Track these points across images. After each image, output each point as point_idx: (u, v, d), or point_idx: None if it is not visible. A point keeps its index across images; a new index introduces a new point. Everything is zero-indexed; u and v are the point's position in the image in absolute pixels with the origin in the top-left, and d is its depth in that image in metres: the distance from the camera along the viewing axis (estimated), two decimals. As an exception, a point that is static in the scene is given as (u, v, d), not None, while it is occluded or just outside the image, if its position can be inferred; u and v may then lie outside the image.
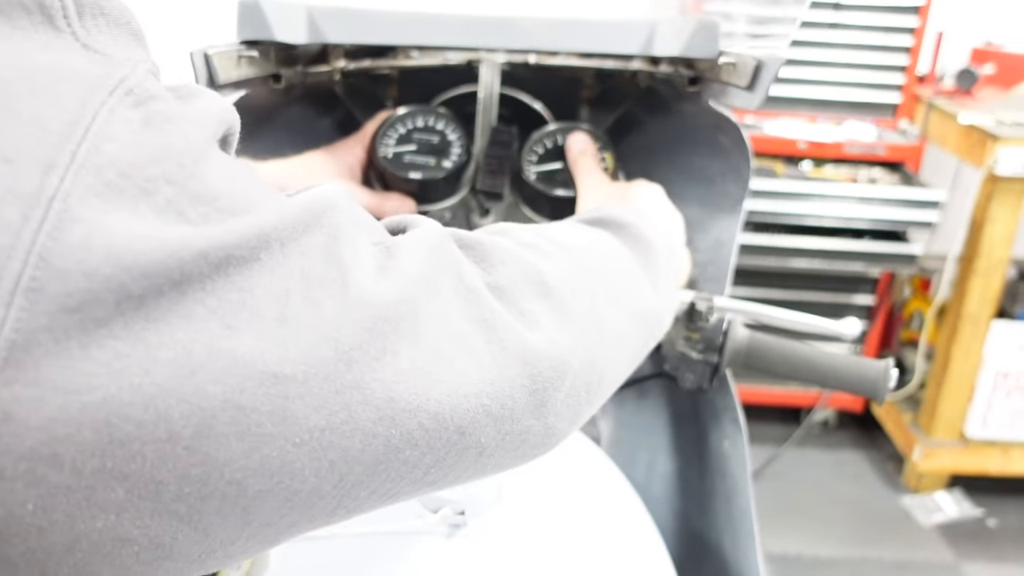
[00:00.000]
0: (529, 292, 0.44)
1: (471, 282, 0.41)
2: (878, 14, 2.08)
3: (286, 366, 0.31)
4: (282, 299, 0.31)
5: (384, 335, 0.34)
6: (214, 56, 0.68)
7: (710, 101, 0.80)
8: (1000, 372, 2.07)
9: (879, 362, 0.71)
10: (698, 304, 0.74)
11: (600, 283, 0.50)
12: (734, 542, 0.84)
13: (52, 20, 0.31)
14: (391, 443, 0.34)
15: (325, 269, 0.33)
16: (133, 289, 0.28)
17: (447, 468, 0.38)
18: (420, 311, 0.36)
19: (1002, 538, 2.05)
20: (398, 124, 0.85)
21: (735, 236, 0.84)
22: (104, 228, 0.28)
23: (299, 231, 0.33)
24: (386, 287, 0.35)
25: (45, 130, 0.28)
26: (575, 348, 0.45)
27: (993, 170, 1.85)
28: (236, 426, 0.30)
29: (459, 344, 0.38)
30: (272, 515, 0.33)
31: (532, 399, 0.41)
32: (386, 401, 0.34)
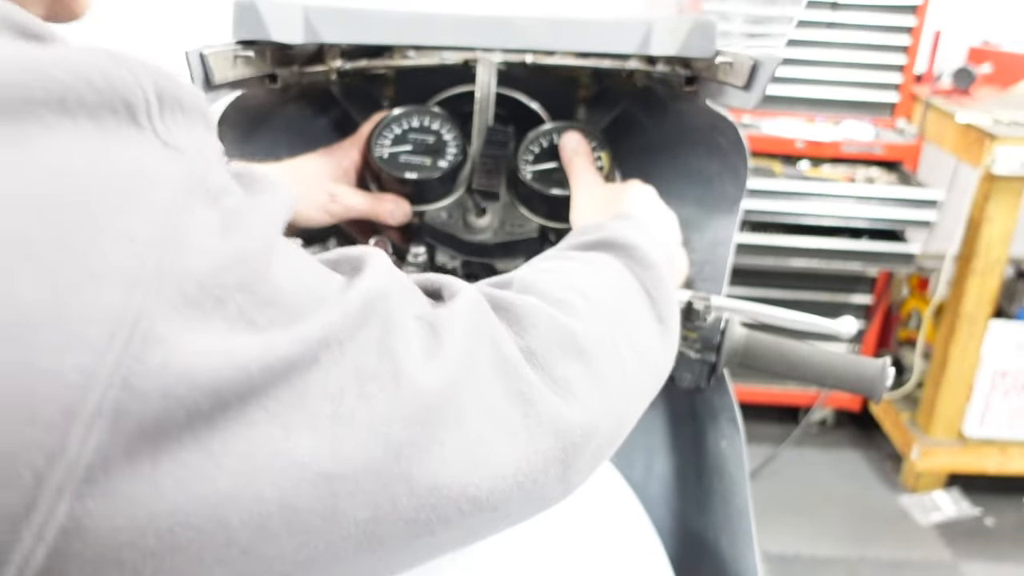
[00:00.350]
0: (562, 356, 0.44)
1: (508, 352, 0.41)
2: (875, 13, 2.08)
3: (339, 466, 0.32)
4: (337, 397, 0.32)
5: (432, 425, 0.35)
6: (210, 56, 0.68)
7: (707, 101, 0.80)
8: (998, 371, 2.07)
9: (876, 361, 0.71)
10: (695, 303, 0.74)
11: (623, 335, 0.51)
12: (732, 542, 0.84)
13: (136, 118, 0.31)
14: (429, 526, 0.35)
15: (378, 362, 0.34)
16: (204, 406, 0.28)
17: (473, 537, 0.40)
18: (463, 394, 0.37)
19: (1000, 537, 2.06)
20: (393, 124, 0.85)
21: (732, 236, 0.84)
22: (182, 347, 0.28)
23: (356, 327, 0.34)
24: (434, 375, 0.36)
25: (133, 241, 0.28)
26: (604, 409, 0.46)
27: (991, 169, 1.85)
28: (288, 525, 0.31)
29: (498, 424, 0.39)
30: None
31: (560, 467, 0.42)
32: (429, 490, 0.35)
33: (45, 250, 0.27)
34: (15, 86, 0.28)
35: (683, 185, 0.90)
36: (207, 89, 0.69)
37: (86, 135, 0.29)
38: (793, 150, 2.10)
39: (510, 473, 0.39)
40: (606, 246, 0.58)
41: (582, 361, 0.45)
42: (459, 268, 0.86)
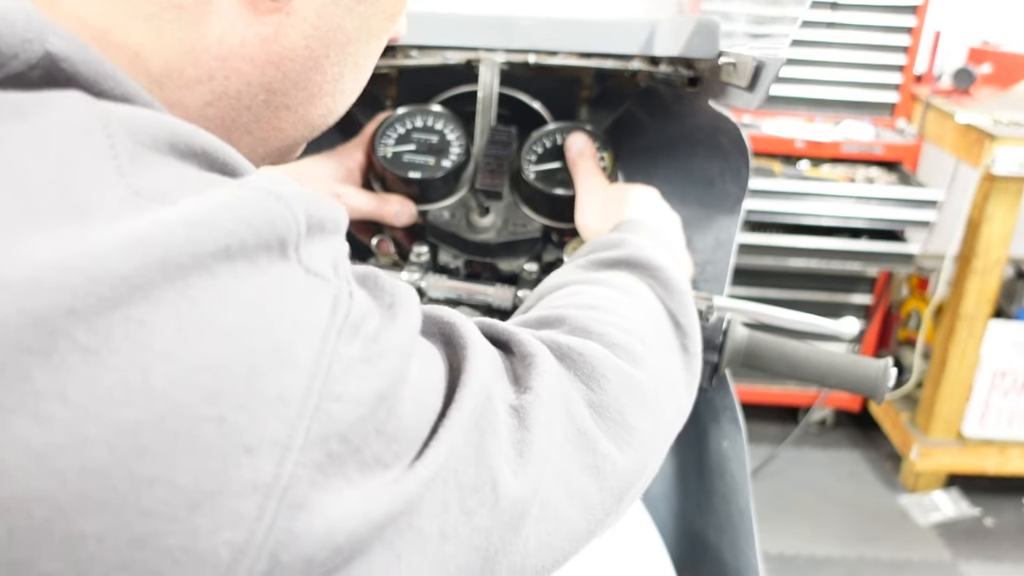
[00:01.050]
0: (632, 407, 0.45)
1: (582, 422, 0.42)
2: (875, 13, 2.08)
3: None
4: (443, 515, 0.32)
5: (524, 526, 0.36)
6: (214, 56, 0.67)
7: (710, 101, 0.80)
8: (997, 371, 2.07)
9: (878, 361, 0.71)
10: (697, 304, 0.74)
11: (668, 378, 0.51)
12: (733, 541, 0.84)
13: (285, 252, 0.30)
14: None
15: (477, 472, 0.34)
16: (335, 561, 0.28)
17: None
18: (548, 484, 0.38)
19: (999, 537, 2.06)
20: (396, 124, 0.85)
21: (734, 236, 0.84)
22: (323, 510, 0.28)
23: (461, 438, 0.34)
24: (527, 479, 0.36)
25: (286, 404, 0.28)
26: (654, 454, 0.47)
27: (990, 169, 1.85)
28: None
29: (574, 499, 0.39)
30: None
31: (614, 519, 0.43)
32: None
33: (207, 429, 0.26)
34: (189, 243, 0.27)
35: (685, 185, 0.91)
36: None
37: (242, 277, 0.28)
38: (793, 150, 2.10)
39: (581, 545, 0.40)
40: (630, 266, 0.57)
41: (646, 410, 0.46)
42: (461, 267, 0.86)
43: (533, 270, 0.81)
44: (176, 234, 0.27)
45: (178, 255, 0.27)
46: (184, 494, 0.25)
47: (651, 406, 0.47)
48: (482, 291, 0.80)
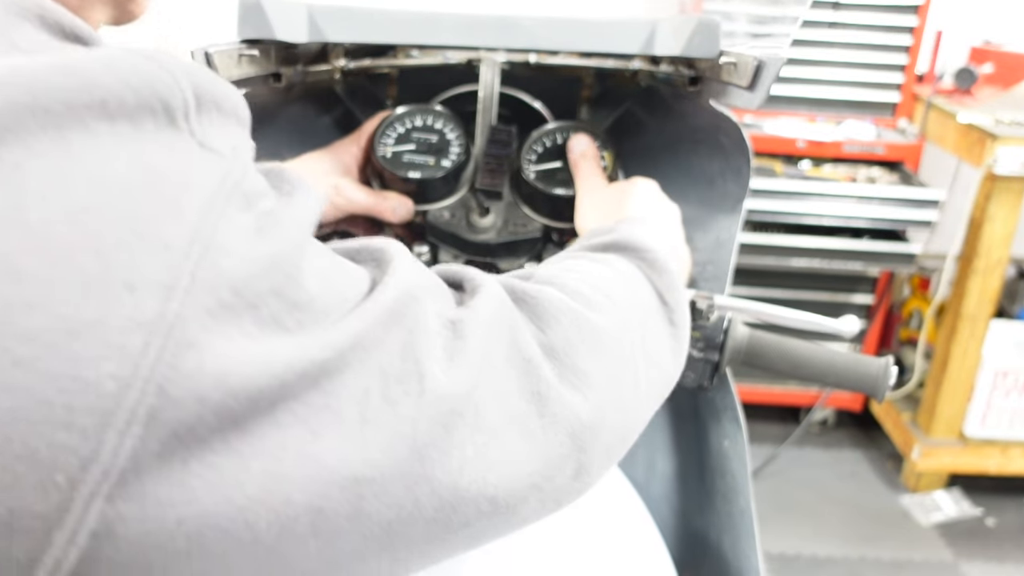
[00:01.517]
0: (583, 350, 0.45)
1: (528, 351, 0.41)
2: (877, 13, 2.08)
3: (366, 468, 0.32)
4: (363, 400, 0.32)
5: (454, 427, 0.35)
6: (215, 55, 0.68)
7: (710, 101, 0.80)
8: (999, 371, 2.07)
9: (879, 359, 0.71)
10: (698, 303, 0.74)
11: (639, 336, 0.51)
12: (734, 541, 0.84)
13: (174, 120, 0.31)
14: (449, 527, 0.36)
15: (403, 364, 0.34)
16: (236, 410, 0.29)
17: (490, 536, 0.40)
18: (482, 394, 0.37)
19: (1001, 537, 2.06)
20: (396, 123, 0.85)
21: (735, 235, 0.84)
22: (216, 352, 0.28)
23: (383, 330, 0.34)
24: (457, 377, 0.36)
25: (169, 249, 0.28)
26: (616, 406, 0.46)
27: (992, 169, 1.85)
28: (314, 527, 0.31)
29: (513, 423, 0.39)
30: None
31: (575, 466, 0.42)
32: (450, 491, 0.35)
33: (85, 261, 0.27)
34: (61, 90, 0.28)
35: (686, 185, 0.91)
36: None
37: (125, 139, 0.29)
38: (794, 150, 2.10)
39: (526, 472, 0.39)
40: (619, 248, 0.58)
41: (601, 356, 0.45)
42: None
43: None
44: (45, 79, 0.28)
45: (48, 101, 0.28)
46: (62, 321, 0.26)
47: (609, 353, 0.46)
48: None
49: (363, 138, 0.85)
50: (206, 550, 0.29)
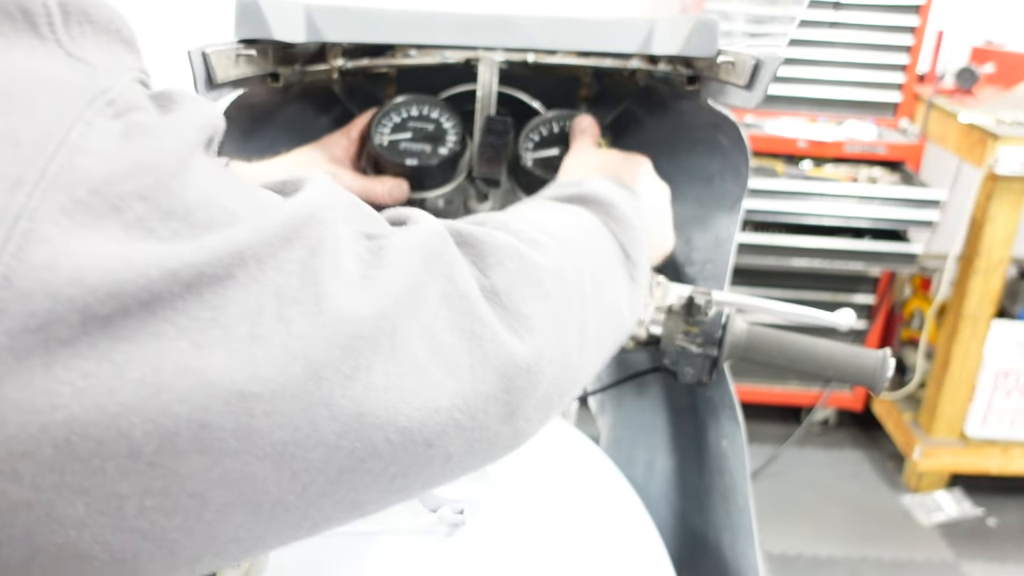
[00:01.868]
0: (527, 295, 0.43)
1: (464, 288, 0.40)
2: (878, 13, 2.08)
3: (254, 385, 0.31)
4: (254, 316, 0.31)
5: (358, 352, 0.34)
6: (212, 55, 0.68)
7: (709, 100, 0.80)
8: (1000, 371, 2.07)
9: (877, 352, 0.71)
10: (696, 298, 0.74)
11: (591, 282, 0.50)
12: (733, 541, 0.84)
13: (36, 27, 0.30)
14: (355, 455, 0.34)
15: (301, 285, 0.33)
16: (99, 310, 0.28)
17: (413, 476, 0.38)
18: (401, 324, 0.36)
19: (1002, 537, 2.05)
20: (393, 113, 0.85)
21: (734, 235, 0.84)
22: (70, 248, 0.27)
23: (277, 246, 0.33)
24: (365, 301, 0.35)
25: (17, 145, 0.28)
26: (556, 355, 0.44)
27: (993, 169, 1.85)
28: (199, 442, 0.30)
29: (439, 356, 0.37)
30: (237, 529, 0.33)
31: (504, 408, 0.41)
32: (353, 416, 0.34)
33: None
34: None
35: (684, 184, 0.90)
36: (209, 88, 0.69)
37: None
38: (795, 150, 2.09)
39: (444, 406, 0.37)
40: (584, 201, 0.57)
41: (546, 301, 0.44)
42: None
43: None
44: None
45: None
46: None
47: (555, 299, 0.45)
48: None
49: (354, 131, 0.85)
50: (78, 459, 0.28)
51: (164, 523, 0.30)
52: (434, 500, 0.62)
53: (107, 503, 0.29)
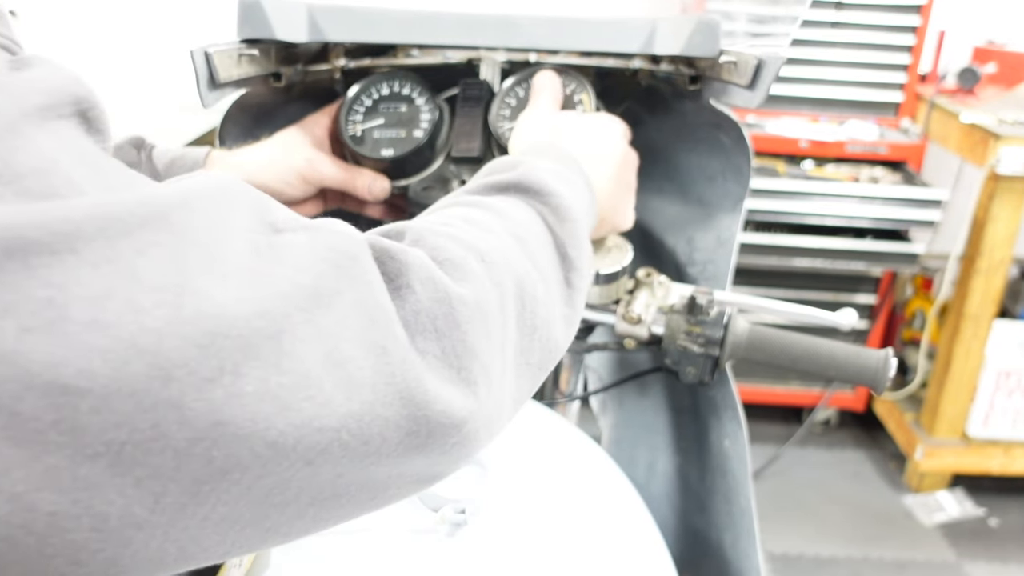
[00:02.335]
0: (442, 325, 0.39)
1: (381, 299, 0.37)
2: (880, 13, 2.07)
3: (82, 380, 0.27)
4: (97, 303, 0.28)
5: (223, 353, 0.30)
6: (215, 55, 0.68)
7: (711, 100, 0.80)
8: (1002, 371, 2.07)
9: (879, 352, 0.71)
10: (698, 298, 0.74)
11: (515, 304, 0.45)
12: (735, 541, 0.84)
13: None
14: (213, 464, 0.31)
15: (162, 273, 0.30)
16: None
17: (297, 491, 0.34)
18: (291, 328, 0.32)
19: (1004, 537, 2.05)
20: (362, 96, 0.82)
21: (736, 235, 0.84)
22: None
23: (134, 226, 0.30)
24: (241, 299, 0.31)
25: None
26: (480, 403, 0.40)
27: (995, 169, 1.84)
28: (12, 435, 0.27)
29: (338, 370, 0.34)
30: (79, 551, 0.29)
31: (410, 439, 0.37)
32: (210, 425, 0.30)
33: None
34: None
35: (686, 183, 0.91)
36: (211, 87, 0.70)
37: None
38: (797, 150, 2.09)
39: (331, 426, 0.33)
40: (520, 189, 0.52)
41: (463, 333, 0.40)
42: None
43: None
44: None
45: None
46: None
47: (472, 330, 0.40)
48: None
49: (333, 109, 0.83)
50: None
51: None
52: (436, 500, 0.62)
53: None
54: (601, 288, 0.77)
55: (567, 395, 0.91)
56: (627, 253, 0.78)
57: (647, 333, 0.76)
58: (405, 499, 0.41)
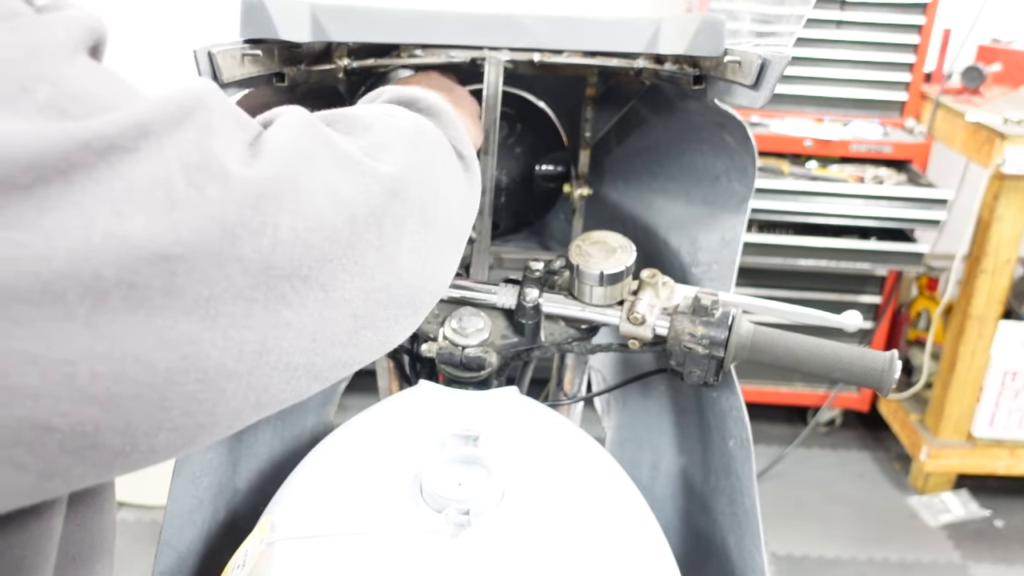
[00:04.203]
0: (397, 144, 0.49)
1: (347, 149, 0.45)
2: (884, 12, 2.07)
3: (176, 247, 0.33)
4: (167, 185, 0.33)
5: (264, 210, 0.37)
6: (218, 55, 0.68)
7: (715, 99, 0.80)
8: (1007, 372, 2.06)
9: (884, 353, 0.71)
10: (703, 299, 0.74)
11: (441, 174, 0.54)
12: (739, 542, 0.83)
13: None
14: (269, 305, 0.38)
15: (202, 158, 0.35)
16: (21, 180, 0.29)
17: (322, 319, 0.41)
18: (301, 182, 0.40)
19: (1009, 538, 2.05)
20: None
21: (740, 235, 0.84)
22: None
23: (172, 124, 0.35)
24: (262, 167, 0.38)
25: None
26: (420, 184, 0.50)
27: (1000, 169, 1.84)
28: (128, 302, 0.32)
29: (336, 202, 0.41)
30: (188, 401, 0.35)
31: (377, 230, 0.45)
32: (262, 269, 0.37)
33: None
34: None
35: (690, 183, 0.90)
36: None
37: None
38: (801, 149, 2.09)
39: (344, 221, 0.42)
40: (404, 102, 0.59)
41: (411, 148, 0.49)
42: None
43: (538, 267, 0.81)
44: None
45: None
46: None
47: (420, 155, 0.50)
48: (486, 290, 0.80)
49: None
50: (15, 323, 0.29)
51: (117, 391, 0.32)
52: (440, 501, 0.62)
53: (59, 371, 0.31)
54: (605, 289, 0.77)
55: (571, 396, 0.91)
56: (631, 253, 0.77)
57: (651, 334, 0.76)
58: None
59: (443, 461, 0.65)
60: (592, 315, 0.78)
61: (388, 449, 0.69)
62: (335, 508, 0.64)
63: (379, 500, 0.64)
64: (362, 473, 0.66)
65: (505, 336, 0.79)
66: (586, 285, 0.77)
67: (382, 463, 0.67)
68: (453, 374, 0.78)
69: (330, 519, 0.63)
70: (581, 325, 0.81)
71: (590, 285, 0.77)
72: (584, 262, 0.76)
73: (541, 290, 0.79)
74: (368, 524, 0.61)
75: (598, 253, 0.77)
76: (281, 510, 0.65)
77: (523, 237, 1.09)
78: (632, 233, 0.78)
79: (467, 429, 0.69)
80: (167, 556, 0.75)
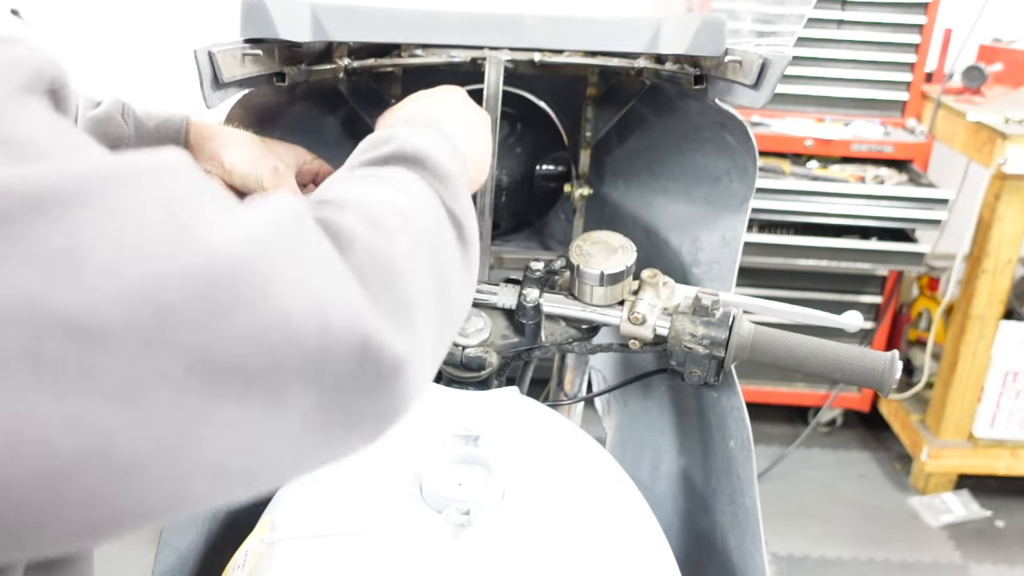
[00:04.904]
0: (379, 280, 0.42)
1: (336, 257, 0.40)
2: (885, 11, 2.07)
3: (94, 320, 0.30)
4: (97, 250, 0.30)
5: (216, 296, 0.33)
6: (218, 54, 0.68)
7: (715, 99, 0.80)
8: (1008, 372, 2.06)
9: (884, 354, 0.71)
10: (703, 299, 0.74)
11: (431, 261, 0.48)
12: (739, 542, 0.83)
13: None
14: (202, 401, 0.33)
15: (144, 224, 0.32)
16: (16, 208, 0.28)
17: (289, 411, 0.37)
18: (274, 271, 0.35)
19: (1010, 539, 2.04)
20: None
21: (741, 235, 0.84)
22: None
23: (118, 183, 0.32)
24: (224, 243, 0.34)
25: None
26: (416, 339, 0.43)
27: (1002, 168, 1.84)
28: (34, 374, 0.29)
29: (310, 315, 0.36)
30: (88, 494, 0.31)
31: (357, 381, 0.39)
32: (201, 362, 0.33)
33: None
34: None
35: (691, 183, 0.90)
36: (215, 88, 0.69)
37: None
38: (802, 149, 2.09)
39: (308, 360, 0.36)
40: (399, 159, 0.54)
41: (391, 288, 0.42)
42: None
43: (538, 267, 0.80)
44: None
45: None
46: None
47: (402, 285, 0.43)
48: (487, 290, 0.80)
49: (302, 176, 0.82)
50: None
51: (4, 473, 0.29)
52: (440, 501, 0.62)
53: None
54: (605, 289, 0.77)
55: (571, 396, 0.91)
56: (631, 254, 0.77)
57: (652, 334, 0.76)
58: None
59: (443, 461, 0.65)
60: (593, 315, 0.78)
61: (388, 449, 0.69)
62: (335, 508, 0.64)
63: (379, 500, 0.64)
64: (362, 473, 0.66)
65: (505, 336, 0.79)
66: (587, 285, 0.77)
67: (382, 463, 0.67)
68: (453, 374, 0.78)
69: (330, 519, 0.63)
70: (581, 325, 0.81)
71: (591, 285, 0.77)
72: (585, 262, 0.76)
73: (542, 290, 0.79)
74: (368, 524, 0.61)
75: (599, 253, 0.77)
76: (281, 510, 0.65)
77: (523, 237, 1.09)
78: (633, 233, 0.78)
79: (467, 429, 0.69)
80: (167, 556, 0.75)
